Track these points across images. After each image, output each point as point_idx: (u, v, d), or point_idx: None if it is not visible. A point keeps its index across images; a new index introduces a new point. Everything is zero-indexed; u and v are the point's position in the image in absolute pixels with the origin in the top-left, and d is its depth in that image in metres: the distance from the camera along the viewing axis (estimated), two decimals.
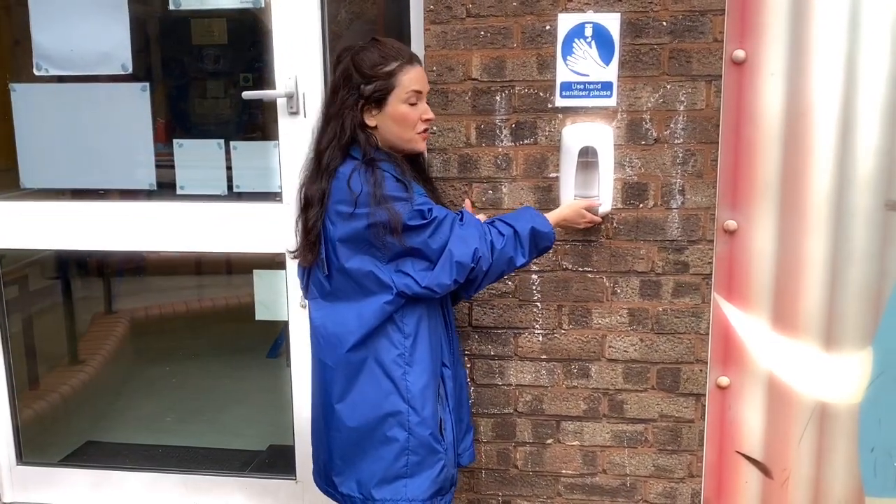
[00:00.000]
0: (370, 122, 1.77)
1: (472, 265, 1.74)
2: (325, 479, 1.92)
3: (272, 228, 2.39)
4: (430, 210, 1.73)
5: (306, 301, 1.89)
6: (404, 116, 1.77)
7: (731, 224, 2.11)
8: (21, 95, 2.52)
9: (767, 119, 2.05)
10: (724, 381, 2.19)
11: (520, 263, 1.82)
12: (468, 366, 2.27)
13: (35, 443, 2.80)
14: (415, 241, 1.72)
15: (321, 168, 1.76)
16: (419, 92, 1.78)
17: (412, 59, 1.79)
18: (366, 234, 1.71)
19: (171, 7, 2.39)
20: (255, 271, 2.52)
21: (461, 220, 1.78)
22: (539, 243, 1.84)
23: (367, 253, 1.73)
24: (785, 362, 2.16)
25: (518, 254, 1.81)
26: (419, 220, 1.71)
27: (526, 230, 1.81)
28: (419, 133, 1.82)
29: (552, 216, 1.91)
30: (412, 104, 1.77)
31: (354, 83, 1.75)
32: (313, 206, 1.75)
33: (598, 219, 2.07)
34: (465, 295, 1.92)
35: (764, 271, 2.12)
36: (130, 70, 2.44)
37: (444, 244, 1.73)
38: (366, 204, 1.69)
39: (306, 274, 1.86)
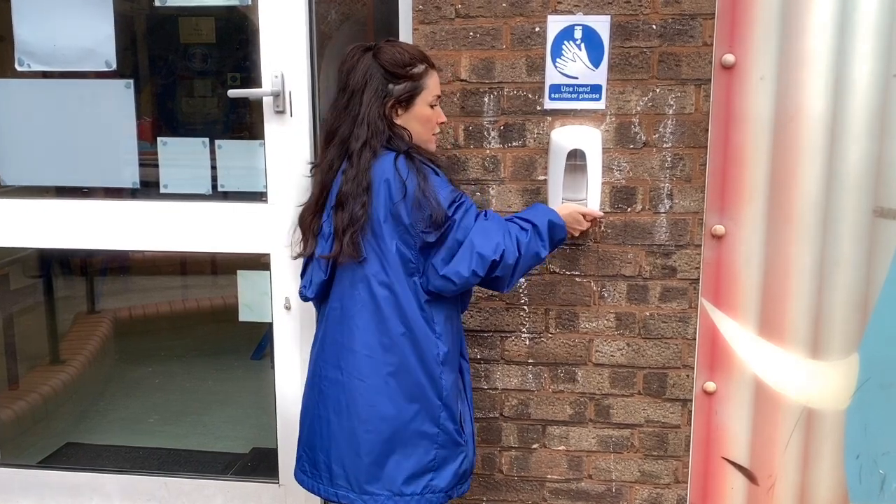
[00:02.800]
0: (397, 121, 1.82)
1: (495, 258, 1.76)
2: (330, 482, 1.88)
3: (257, 229, 2.36)
4: (460, 195, 1.79)
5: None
6: (428, 118, 1.85)
7: (720, 229, 2.10)
8: (2, 91, 2.48)
9: (756, 124, 2.04)
10: (710, 386, 2.18)
11: (543, 256, 1.86)
12: None
13: (13, 444, 2.76)
14: (447, 225, 1.75)
15: (358, 167, 1.76)
16: (439, 96, 1.88)
17: (434, 64, 1.87)
18: (405, 222, 1.74)
19: (158, 4, 2.36)
20: (239, 272, 2.49)
21: (485, 215, 1.81)
22: (555, 236, 1.88)
23: (401, 239, 1.76)
24: (772, 368, 2.15)
25: (541, 247, 1.85)
26: (454, 205, 1.76)
27: (544, 223, 1.85)
28: (434, 135, 1.89)
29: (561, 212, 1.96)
30: (432, 106, 1.85)
31: (381, 82, 1.78)
32: (357, 198, 1.74)
33: (587, 225, 2.08)
34: (502, 289, 1.89)
35: (752, 276, 2.11)
36: (114, 67, 2.41)
37: (467, 234, 1.76)
38: (413, 189, 1.72)
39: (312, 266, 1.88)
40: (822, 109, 2.01)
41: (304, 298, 1.92)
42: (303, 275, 1.94)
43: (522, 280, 2.18)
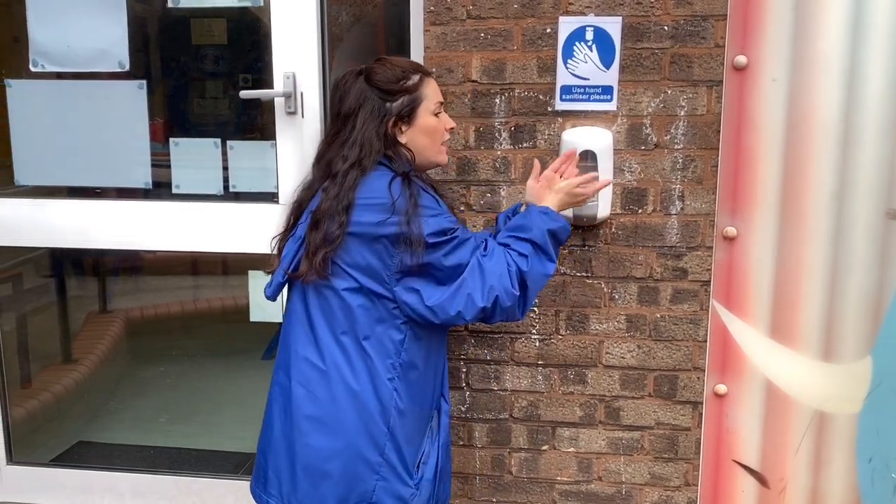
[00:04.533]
0: (402, 138, 1.75)
1: (485, 305, 1.65)
2: (264, 488, 1.81)
3: (268, 229, 2.36)
4: (453, 229, 1.68)
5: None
6: (434, 128, 1.78)
7: (731, 231, 2.09)
8: (16, 92, 2.51)
9: (768, 125, 2.03)
10: (721, 389, 2.17)
11: (552, 270, 1.74)
12: (463, 370, 2.25)
13: (26, 442, 2.78)
14: (430, 256, 1.66)
15: (341, 187, 1.67)
16: (442, 103, 1.81)
17: (428, 72, 1.81)
18: (385, 242, 1.65)
19: (171, 5, 2.37)
20: (250, 272, 2.50)
21: (485, 248, 1.70)
22: (560, 240, 1.77)
23: (376, 256, 1.67)
24: (783, 371, 2.14)
25: (547, 263, 1.73)
26: (440, 237, 1.66)
27: (543, 237, 1.72)
28: (443, 144, 1.82)
29: (553, 204, 1.80)
30: (436, 115, 1.78)
31: (377, 102, 1.72)
32: (336, 217, 1.65)
33: (592, 188, 1.88)
34: (516, 319, 1.76)
35: (763, 279, 2.10)
36: (127, 68, 2.42)
37: (460, 265, 1.67)
38: (401, 213, 1.63)
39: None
40: (834, 111, 2.00)
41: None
42: None
43: None
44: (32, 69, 2.46)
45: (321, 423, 1.72)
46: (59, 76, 2.48)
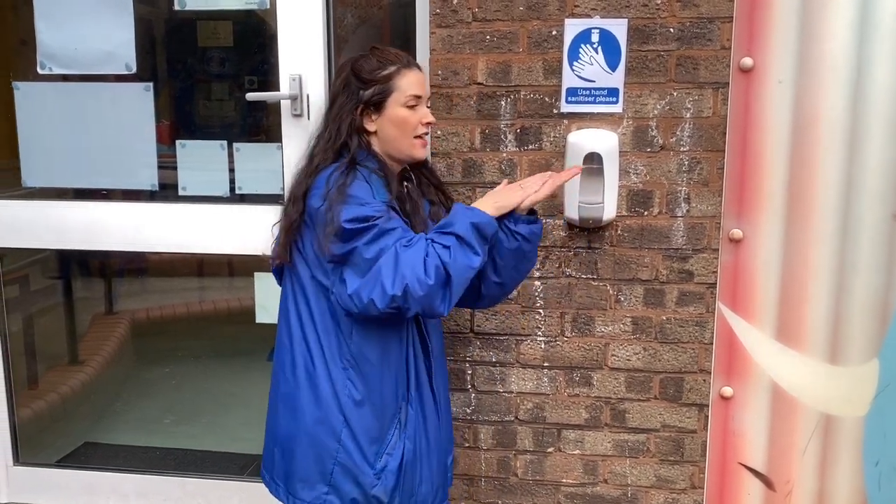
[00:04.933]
0: (370, 126, 1.78)
1: (395, 293, 1.61)
2: (263, 465, 1.91)
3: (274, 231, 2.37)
4: (373, 217, 1.65)
5: None
6: (404, 120, 1.77)
7: (737, 233, 2.09)
8: (24, 94, 2.51)
9: (775, 127, 2.03)
10: (727, 391, 2.17)
11: (477, 263, 1.66)
12: (469, 372, 2.25)
13: (32, 443, 2.78)
14: (351, 244, 1.65)
15: (310, 168, 1.77)
16: (418, 96, 1.78)
17: (410, 64, 1.80)
18: (317, 231, 1.70)
19: (177, 7, 2.38)
20: (255, 274, 2.51)
21: (408, 242, 1.66)
22: (484, 233, 1.67)
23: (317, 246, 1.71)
24: (789, 374, 2.14)
25: (471, 256, 1.65)
26: (357, 224, 1.64)
27: (466, 230, 1.65)
28: (417, 137, 1.79)
29: (484, 204, 1.73)
30: (411, 107, 1.77)
31: (353, 89, 1.77)
32: (296, 203, 1.75)
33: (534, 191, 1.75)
34: (438, 312, 1.70)
35: (769, 281, 2.10)
36: (134, 70, 2.43)
37: (377, 257, 1.65)
38: (328, 200, 1.67)
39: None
40: (841, 113, 2.00)
41: (278, 283, 1.94)
42: None
43: (538, 283, 2.17)
44: (40, 71, 2.47)
45: (287, 403, 1.81)
46: (66, 78, 2.49)
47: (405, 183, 1.87)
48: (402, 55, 1.81)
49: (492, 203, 1.73)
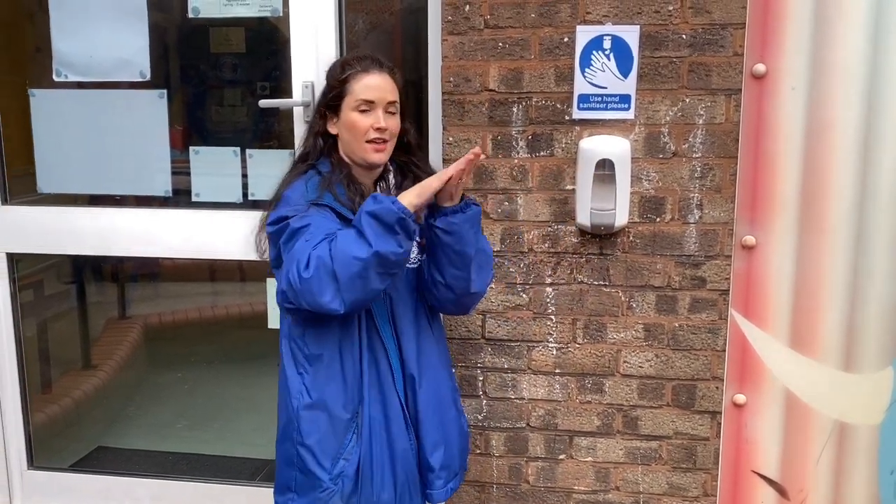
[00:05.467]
0: (332, 129, 1.81)
1: (282, 288, 1.64)
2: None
3: None
4: (289, 217, 1.67)
5: None
6: (353, 124, 1.75)
7: (750, 240, 2.08)
8: (40, 101, 2.54)
9: (788, 134, 2.02)
10: (740, 398, 2.16)
11: (363, 254, 1.55)
12: (480, 378, 2.25)
13: (46, 447, 2.80)
14: (275, 247, 1.71)
15: (283, 176, 1.86)
16: (370, 101, 1.74)
17: (369, 69, 1.76)
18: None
19: (191, 15, 2.40)
20: (268, 279, 2.52)
21: (310, 236, 1.63)
22: (385, 221, 1.56)
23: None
24: (803, 381, 2.12)
25: (363, 245, 1.55)
26: (275, 225, 1.70)
27: (359, 220, 1.59)
28: (369, 142, 1.74)
29: (406, 194, 1.64)
30: (362, 111, 1.75)
31: (322, 92, 1.84)
32: (270, 205, 1.81)
33: (450, 172, 1.65)
34: (335, 310, 1.61)
35: (782, 288, 2.09)
36: (148, 77, 2.45)
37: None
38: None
39: None
40: (854, 119, 1.99)
41: None
42: None
43: (550, 290, 2.17)
44: (55, 79, 2.49)
45: (278, 407, 1.87)
46: (81, 85, 2.51)
47: (380, 183, 1.86)
48: (366, 59, 1.78)
49: (415, 192, 1.64)
